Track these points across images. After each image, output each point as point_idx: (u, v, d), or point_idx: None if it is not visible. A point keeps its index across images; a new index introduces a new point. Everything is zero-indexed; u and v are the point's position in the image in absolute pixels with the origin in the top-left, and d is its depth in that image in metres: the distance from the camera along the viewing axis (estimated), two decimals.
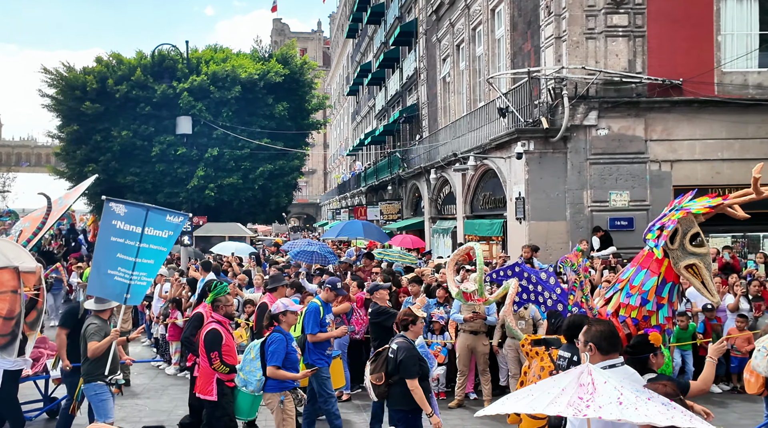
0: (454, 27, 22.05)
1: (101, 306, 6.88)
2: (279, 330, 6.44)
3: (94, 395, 6.60)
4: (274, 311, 6.58)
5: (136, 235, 7.16)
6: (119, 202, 7.52)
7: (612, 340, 3.82)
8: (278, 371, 6.28)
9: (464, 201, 19.59)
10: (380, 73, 35.85)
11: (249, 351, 6.53)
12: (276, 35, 71.84)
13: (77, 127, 27.31)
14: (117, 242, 7.18)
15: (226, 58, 28.73)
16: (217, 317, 6.76)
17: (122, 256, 7.10)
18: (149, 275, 7.29)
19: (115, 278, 7.03)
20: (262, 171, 28.12)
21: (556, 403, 2.39)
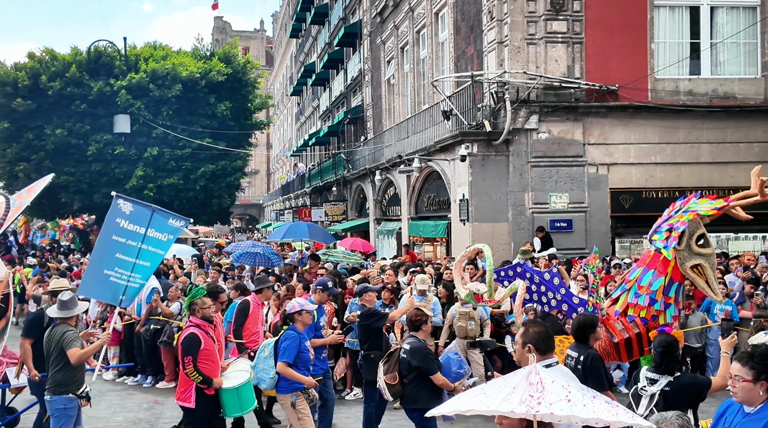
0: (398, 29, 22.21)
1: (67, 313, 6.46)
2: (293, 328, 6.44)
3: (62, 408, 6.22)
4: (289, 311, 6.57)
5: (139, 236, 6.95)
6: (127, 200, 7.28)
7: (548, 341, 4.00)
8: (288, 368, 6.25)
9: (409, 202, 19.75)
10: (324, 74, 35.77)
11: (263, 349, 6.49)
12: (217, 33, 70.69)
13: (8, 124, 26.24)
14: (118, 241, 6.94)
15: (166, 56, 28.07)
16: (195, 321, 6.56)
17: (121, 256, 6.87)
18: (143, 277, 7.08)
19: (111, 279, 6.80)
20: (204, 171, 27.62)
21: (509, 401, 2.47)
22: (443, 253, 17.05)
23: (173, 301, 11.05)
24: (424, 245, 19.15)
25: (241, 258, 14.66)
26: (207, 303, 6.71)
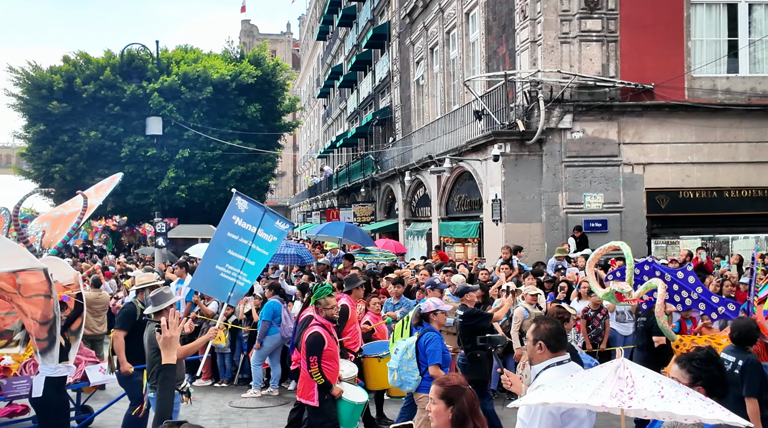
0: (427, 30, 22.19)
1: (160, 308, 6.29)
2: (431, 329, 6.30)
3: None
4: (424, 310, 6.41)
5: (251, 234, 6.94)
6: (244, 198, 7.29)
7: (560, 338, 3.90)
8: (440, 371, 6.07)
9: (439, 203, 19.71)
10: (352, 76, 35.87)
11: (406, 351, 6.32)
12: (245, 36, 71.32)
13: (43, 127, 26.81)
14: (231, 238, 6.93)
15: (197, 59, 28.47)
16: (319, 320, 6.38)
17: (233, 253, 6.86)
18: (250, 276, 7.03)
19: (221, 275, 6.78)
20: (234, 173, 27.92)
21: (599, 395, 2.42)
22: (475, 254, 16.97)
23: (210, 300, 11.17)
24: (455, 245, 19.09)
25: (273, 258, 14.72)
26: (331, 303, 6.52)
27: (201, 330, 10.51)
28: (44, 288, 4.20)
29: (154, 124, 24.61)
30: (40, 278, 4.17)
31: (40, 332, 4.40)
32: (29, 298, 4.29)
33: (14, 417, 7.89)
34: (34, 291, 4.23)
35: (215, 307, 11.07)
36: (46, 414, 6.75)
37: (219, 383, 10.82)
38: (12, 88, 27.16)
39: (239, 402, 9.60)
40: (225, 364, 11.01)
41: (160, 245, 17.78)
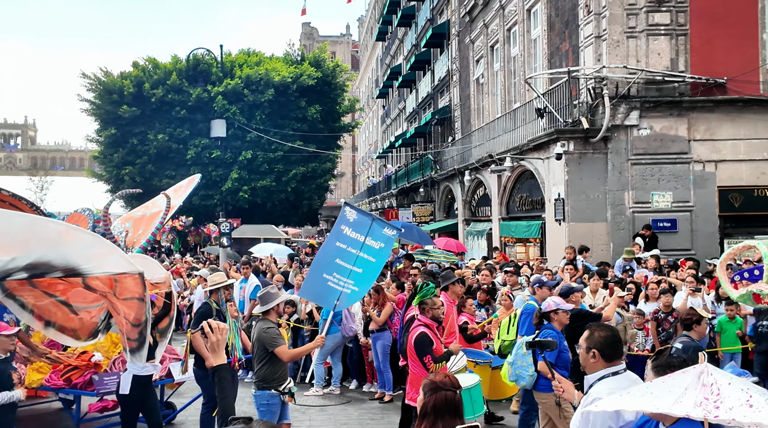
0: (488, 28, 21.96)
1: (266, 307, 6.29)
2: (551, 327, 6.24)
3: (264, 404, 6.17)
4: (545, 309, 6.35)
5: (359, 243, 7.07)
6: (353, 208, 7.45)
7: (616, 346, 3.68)
8: (546, 366, 5.76)
9: (500, 203, 19.47)
10: (411, 76, 35.86)
11: (521, 346, 6.32)
12: (305, 39, 72.30)
13: (114, 130, 27.81)
14: (340, 247, 7.06)
15: (260, 62, 29.02)
16: (424, 320, 6.31)
17: (341, 262, 6.98)
18: (357, 284, 7.08)
19: (328, 284, 6.89)
20: (295, 173, 28.33)
21: (682, 403, 2.30)
22: (536, 254, 16.68)
23: None
24: (516, 245, 18.81)
25: None
26: (437, 303, 6.42)
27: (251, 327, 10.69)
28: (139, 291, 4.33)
29: (218, 126, 25.22)
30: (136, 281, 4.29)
31: (132, 332, 4.54)
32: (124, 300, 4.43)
33: (105, 413, 8.13)
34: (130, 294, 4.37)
35: None
36: (131, 411, 6.92)
37: None
38: (85, 93, 28.38)
39: (302, 400, 9.71)
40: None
41: (225, 244, 18.20)
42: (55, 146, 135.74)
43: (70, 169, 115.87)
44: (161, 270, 6.10)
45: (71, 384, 7.49)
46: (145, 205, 10.05)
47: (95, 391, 7.28)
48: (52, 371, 7.63)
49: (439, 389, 3.11)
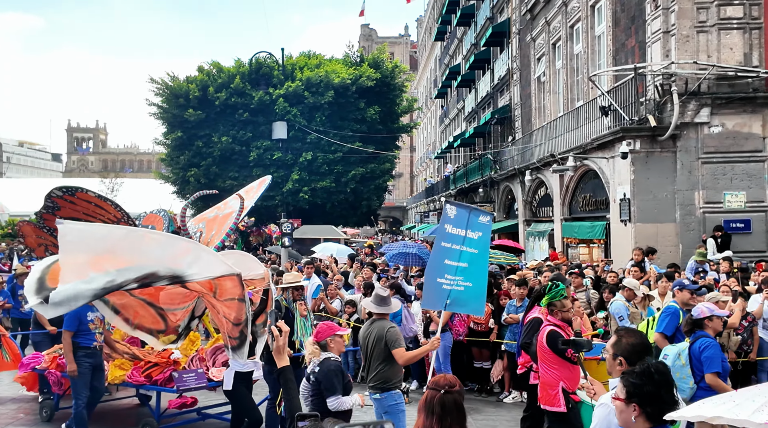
0: (550, 25, 21.59)
1: (385, 310, 6.19)
2: (706, 334, 5.83)
3: (393, 404, 6.01)
4: (697, 316, 5.94)
5: (461, 238, 6.81)
6: (453, 204, 7.15)
7: (643, 354, 3.53)
8: (717, 379, 5.65)
9: (562, 203, 19.12)
10: (470, 75, 35.61)
11: (678, 357, 5.92)
12: (364, 40, 72.77)
13: (181, 133, 28.56)
14: (445, 247, 6.81)
15: (320, 64, 29.32)
16: (554, 321, 6.12)
17: (449, 262, 6.73)
18: (468, 278, 6.82)
19: (443, 287, 6.66)
20: (354, 174, 28.50)
21: (763, 412, 2.21)
22: (600, 255, 16.30)
23: (333, 298, 11.49)
24: (579, 246, 18.43)
25: (394, 258, 14.92)
26: (567, 306, 6.22)
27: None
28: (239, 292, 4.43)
29: (280, 128, 25.63)
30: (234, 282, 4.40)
31: (233, 331, 4.65)
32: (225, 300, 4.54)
33: (183, 409, 8.33)
34: (229, 294, 4.48)
35: (339, 305, 11.37)
36: (239, 405, 7.03)
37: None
38: (153, 98, 29.30)
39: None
40: (348, 362, 11.25)
41: (286, 244, 18.49)
42: (124, 148, 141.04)
43: (139, 171, 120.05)
44: (260, 267, 6.11)
45: (152, 380, 7.69)
46: (218, 206, 10.24)
47: (175, 388, 7.45)
48: (134, 367, 7.86)
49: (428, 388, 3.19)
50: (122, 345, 8.14)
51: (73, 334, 7.29)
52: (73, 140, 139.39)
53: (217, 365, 7.82)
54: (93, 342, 7.44)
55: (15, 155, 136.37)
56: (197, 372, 7.55)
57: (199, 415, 8.42)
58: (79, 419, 7.32)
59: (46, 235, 7.59)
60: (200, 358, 7.90)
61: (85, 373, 7.31)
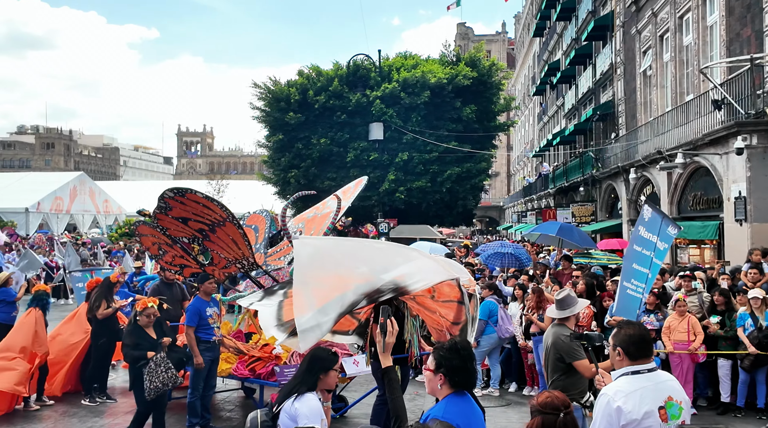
0: (657, 17, 20.62)
1: (563, 314, 5.62)
2: None
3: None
4: None
5: (652, 244, 6.40)
6: (650, 207, 6.74)
7: (641, 345, 3.61)
8: None
9: (670, 202, 18.21)
10: (570, 71, 34.61)
11: None
12: (460, 39, 72.36)
13: (282, 136, 29.45)
14: (636, 251, 6.43)
15: (416, 65, 29.40)
16: None
17: (637, 267, 6.34)
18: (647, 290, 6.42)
19: (627, 291, 6.33)
20: (450, 174, 28.37)
21: None
22: (713, 256, 15.40)
23: None
24: (689, 247, 17.48)
25: (490, 259, 14.73)
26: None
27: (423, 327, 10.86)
28: (457, 295, 4.55)
29: (376, 129, 25.93)
30: (451, 286, 4.51)
31: (452, 329, 4.78)
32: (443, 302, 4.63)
33: None
34: (446, 297, 4.59)
35: None
36: None
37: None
38: (256, 102, 30.40)
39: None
40: None
41: None
42: (229, 151, 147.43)
43: (242, 173, 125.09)
44: (465, 273, 5.77)
45: (255, 374, 7.94)
46: (316, 206, 10.48)
47: (277, 382, 7.62)
48: (239, 361, 8.14)
49: (540, 412, 3.08)
50: (228, 340, 8.46)
51: (195, 329, 7.64)
52: (182, 143, 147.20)
53: None
54: (212, 337, 7.78)
55: (131, 158, 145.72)
56: (297, 367, 7.74)
57: None
58: (192, 409, 7.67)
59: (160, 234, 7.96)
60: (300, 354, 8.10)
61: (204, 366, 7.65)
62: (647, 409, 3.37)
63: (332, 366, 4.28)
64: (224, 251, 8.10)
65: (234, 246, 8.02)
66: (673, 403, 3.46)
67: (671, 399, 3.47)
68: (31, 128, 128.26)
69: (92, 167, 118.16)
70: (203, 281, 7.96)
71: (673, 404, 3.46)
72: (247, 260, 8.28)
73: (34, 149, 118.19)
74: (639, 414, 3.35)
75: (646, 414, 3.35)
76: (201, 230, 7.87)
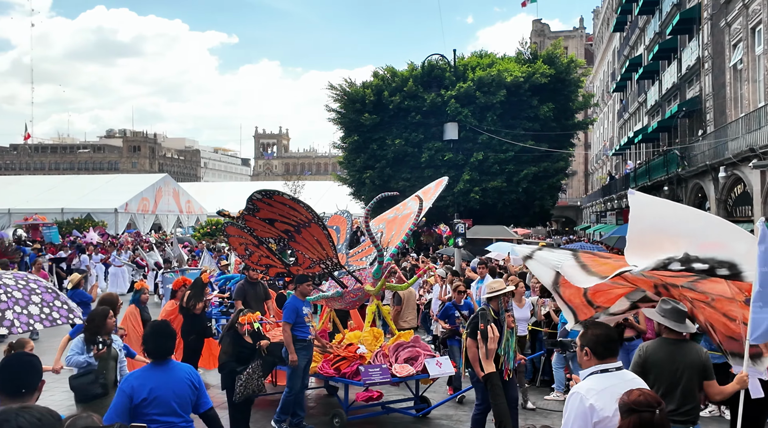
0: (748, 8, 19.59)
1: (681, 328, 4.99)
2: None
3: None
4: None
5: None
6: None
7: (608, 345, 3.72)
8: None
9: (764, 201, 17.27)
10: (653, 66, 33.36)
11: None
12: (536, 36, 71.02)
13: (357, 137, 29.76)
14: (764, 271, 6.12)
15: (492, 63, 29.07)
16: None
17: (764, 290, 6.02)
18: None
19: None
20: (526, 174, 27.91)
21: None
22: None
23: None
24: None
25: None
26: None
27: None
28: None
29: (451, 129, 25.73)
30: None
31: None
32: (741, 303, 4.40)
33: (370, 402, 8.59)
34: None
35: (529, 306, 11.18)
36: None
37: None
38: (332, 104, 30.83)
39: (542, 403, 9.54)
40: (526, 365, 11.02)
41: (459, 245, 18.54)
42: (303, 153, 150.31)
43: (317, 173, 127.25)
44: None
45: (340, 373, 8.01)
46: (396, 207, 10.50)
47: (362, 381, 7.70)
48: (324, 360, 8.25)
49: (634, 411, 3.01)
50: (317, 339, 8.57)
51: (292, 326, 7.75)
52: (259, 145, 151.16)
53: (399, 361, 8.01)
54: (308, 335, 7.90)
55: (211, 160, 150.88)
56: (381, 367, 7.76)
57: (383, 409, 8.64)
58: (286, 406, 7.78)
59: (247, 235, 8.17)
60: (383, 354, 8.14)
61: (301, 364, 7.76)
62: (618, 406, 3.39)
63: None
64: (309, 252, 8.23)
65: (318, 247, 8.14)
66: None
67: None
68: (119, 131, 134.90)
69: (175, 169, 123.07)
70: (302, 282, 8.04)
71: None
72: (331, 260, 8.38)
73: (121, 151, 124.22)
74: (611, 412, 3.39)
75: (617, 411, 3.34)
76: (287, 231, 8.00)
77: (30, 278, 3.93)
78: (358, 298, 9.23)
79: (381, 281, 8.76)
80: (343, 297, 8.96)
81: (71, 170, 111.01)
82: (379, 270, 8.73)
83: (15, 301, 3.62)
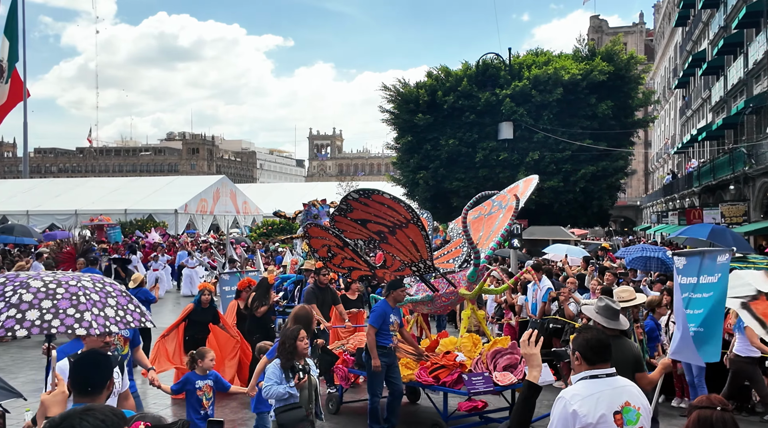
0: None
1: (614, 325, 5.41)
2: None
3: None
4: None
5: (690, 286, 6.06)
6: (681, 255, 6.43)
7: (598, 350, 3.63)
8: None
9: None
10: (718, 62, 32.20)
11: None
12: (593, 33, 69.56)
13: (410, 137, 29.66)
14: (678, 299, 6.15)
15: (548, 62, 28.55)
16: None
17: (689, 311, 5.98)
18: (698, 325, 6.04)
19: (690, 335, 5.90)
20: (584, 173, 27.29)
21: None
22: None
23: (567, 301, 11.08)
24: None
25: (633, 263, 13.97)
26: None
27: (564, 330, 10.51)
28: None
29: (506, 129, 25.40)
30: None
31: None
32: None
33: (473, 412, 8.24)
34: None
35: (575, 308, 10.95)
36: None
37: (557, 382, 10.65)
38: (386, 105, 30.85)
39: None
40: None
41: (515, 246, 18.26)
42: (356, 154, 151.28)
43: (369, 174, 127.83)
44: None
45: (439, 381, 7.71)
46: (480, 207, 10.16)
47: (466, 390, 7.39)
48: (420, 367, 7.97)
49: (695, 408, 2.96)
50: (405, 346, 8.32)
51: (376, 331, 7.62)
52: (313, 146, 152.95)
53: (498, 368, 7.69)
54: (390, 343, 7.75)
55: (266, 162, 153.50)
56: (484, 375, 7.46)
57: (482, 419, 8.27)
58: (374, 414, 7.66)
59: (330, 236, 7.85)
60: (482, 361, 7.82)
61: (381, 371, 7.61)
62: (602, 413, 3.39)
63: None
64: (401, 254, 7.89)
65: (413, 248, 7.77)
66: (630, 408, 3.47)
67: (629, 404, 3.48)
68: (179, 134, 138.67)
69: (232, 171, 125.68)
70: (396, 288, 7.82)
71: (630, 409, 3.47)
72: (424, 262, 8.00)
73: (181, 154, 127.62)
74: (594, 418, 3.36)
75: (602, 418, 3.38)
76: (380, 232, 7.65)
77: (106, 282, 4.07)
78: (451, 302, 8.97)
79: (480, 284, 8.31)
80: (433, 301, 8.66)
81: (134, 172, 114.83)
82: (474, 273, 8.36)
83: (93, 303, 3.74)
